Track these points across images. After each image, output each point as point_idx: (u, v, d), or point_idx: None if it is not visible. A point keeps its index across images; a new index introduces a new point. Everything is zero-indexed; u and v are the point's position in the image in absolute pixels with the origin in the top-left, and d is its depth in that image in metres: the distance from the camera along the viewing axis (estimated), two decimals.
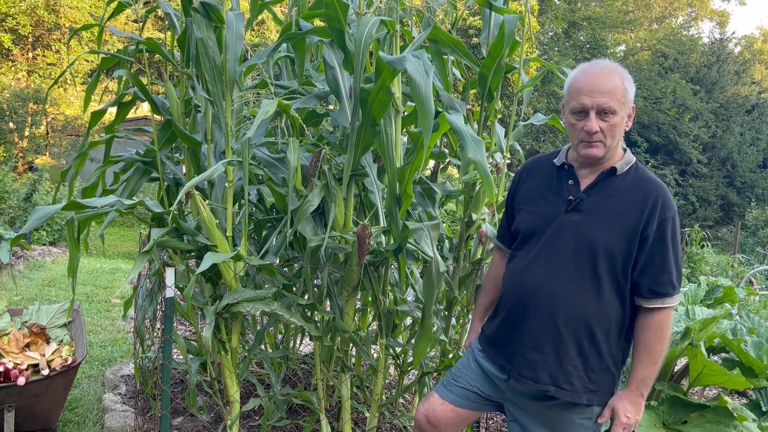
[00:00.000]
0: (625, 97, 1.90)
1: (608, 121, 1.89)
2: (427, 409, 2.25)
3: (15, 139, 16.57)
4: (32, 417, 2.82)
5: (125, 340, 4.98)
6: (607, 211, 1.93)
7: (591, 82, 1.89)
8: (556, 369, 1.96)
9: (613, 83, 1.88)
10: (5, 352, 2.96)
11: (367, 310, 3.48)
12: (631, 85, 1.93)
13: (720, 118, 25.92)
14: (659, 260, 1.89)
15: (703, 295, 4.31)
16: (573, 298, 1.93)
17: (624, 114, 1.92)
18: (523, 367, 2.01)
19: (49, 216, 2.42)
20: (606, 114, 1.88)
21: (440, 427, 2.23)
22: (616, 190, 1.95)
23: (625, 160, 1.98)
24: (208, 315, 2.58)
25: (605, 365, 1.97)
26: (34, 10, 17.10)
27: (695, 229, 11.57)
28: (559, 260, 1.96)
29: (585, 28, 25.80)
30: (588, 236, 1.93)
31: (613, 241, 1.90)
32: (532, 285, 2.00)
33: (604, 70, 1.90)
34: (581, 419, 1.99)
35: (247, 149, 2.34)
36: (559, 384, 1.96)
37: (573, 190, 2.00)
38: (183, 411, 3.54)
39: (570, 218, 1.97)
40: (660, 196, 1.91)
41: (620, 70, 1.91)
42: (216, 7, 2.56)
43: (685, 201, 24.22)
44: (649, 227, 1.88)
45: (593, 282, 1.92)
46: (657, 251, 1.89)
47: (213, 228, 2.58)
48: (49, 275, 7.43)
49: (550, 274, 1.97)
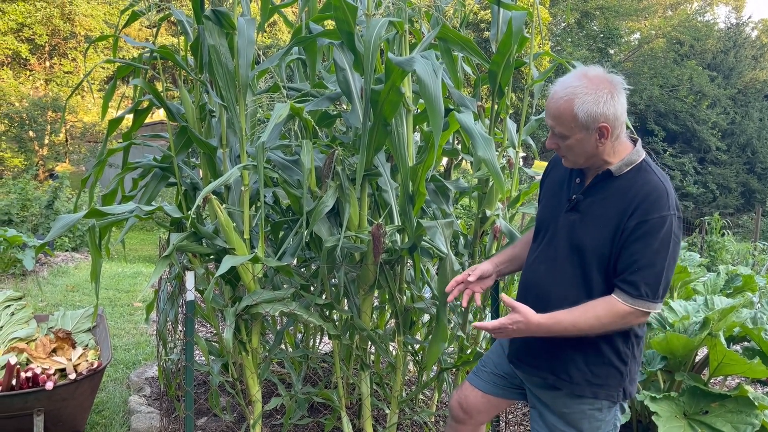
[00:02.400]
0: (576, 123, 1.84)
1: (562, 143, 1.92)
2: (460, 396, 2.35)
3: (35, 147, 16.85)
4: (60, 420, 2.89)
5: (148, 343, 5.07)
6: (599, 212, 1.93)
7: (548, 103, 1.91)
8: (552, 360, 2.00)
9: (559, 110, 1.86)
10: (33, 358, 3.04)
11: (385, 308, 3.51)
12: (595, 107, 1.82)
13: (738, 104, 25.56)
14: (628, 258, 1.85)
15: (723, 285, 4.28)
16: (565, 296, 1.96)
17: (581, 136, 1.87)
18: (522, 351, 2.10)
19: (71, 224, 2.48)
20: (557, 136, 1.92)
21: (472, 414, 2.31)
22: (612, 192, 1.93)
23: (626, 161, 1.93)
24: (229, 317, 2.63)
25: (607, 360, 1.97)
26: (49, 20, 17.36)
27: (715, 218, 11.45)
28: (555, 258, 2.01)
29: (598, 17, 25.59)
30: (579, 237, 1.95)
31: (598, 243, 1.90)
32: (531, 280, 2.08)
33: (557, 95, 1.87)
34: (591, 410, 2.01)
35: (261, 153, 2.38)
36: (557, 374, 2.00)
37: (576, 188, 2.02)
38: (206, 411, 3.60)
39: (569, 218, 2.00)
40: (649, 197, 1.85)
41: (579, 91, 1.83)
42: (227, 14, 2.60)
43: (705, 189, 23.94)
44: (627, 224, 1.85)
45: (584, 282, 1.94)
46: (627, 247, 1.85)
47: (230, 231, 2.62)
48: (72, 281, 7.56)
49: (547, 270, 2.03)
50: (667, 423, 2.87)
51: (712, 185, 24.07)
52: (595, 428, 2.03)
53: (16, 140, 16.77)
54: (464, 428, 2.35)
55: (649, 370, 3.22)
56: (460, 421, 2.34)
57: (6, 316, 3.36)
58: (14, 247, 7.53)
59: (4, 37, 16.99)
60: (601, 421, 2.02)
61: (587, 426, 2.02)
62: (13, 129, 16.75)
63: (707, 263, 9.85)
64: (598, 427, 2.03)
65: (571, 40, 25.12)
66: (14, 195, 10.31)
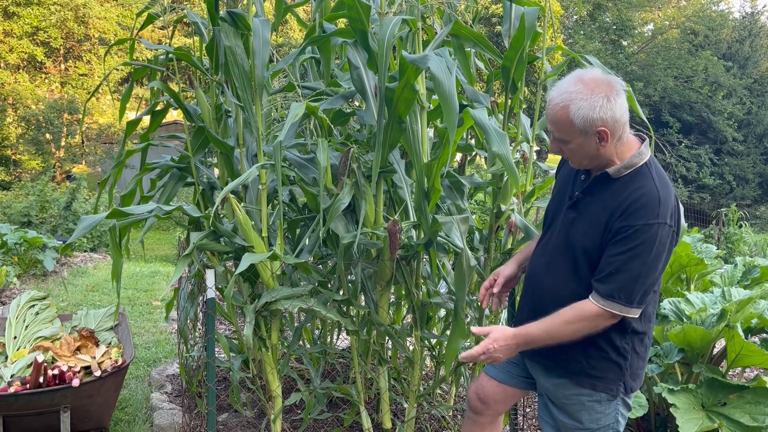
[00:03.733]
0: (573, 129, 1.84)
1: (564, 147, 1.94)
2: (477, 386, 2.39)
3: (52, 149, 17.06)
4: (86, 417, 2.95)
5: (168, 341, 5.14)
6: (593, 212, 1.95)
7: (546, 110, 1.93)
8: (553, 350, 2.01)
9: (556, 116, 1.87)
10: (58, 356, 3.10)
11: (401, 304, 3.54)
12: (591, 111, 1.81)
13: (755, 94, 25.22)
14: (606, 259, 1.87)
15: (740, 276, 4.26)
16: (561, 292, 1.99)
17: (581, 140, 1.86)
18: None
19: (95, 224, 2.54)
20: (558, 140, 1.94)
21: (490, 404, 2.35)
22: (605, 193, 1.94)
23: (626, 164, 1.91)
24: (248, 314, 2.67)
25: (605, 354, 1.98)
26: (64, 23, 17.51)
27: (732, 209, 11.34)
28: (553, 254, 2.05)
29: (610, 9, 25.36)
30: (572, 236, 1.98)
31: (588, 242, 1.93)
32: (533, 273, 2.15)
33: (553, 101, 1.88)
34: (590, 402, 2.03)
35: (279, 152, 2.41)
36: (554, 360, 2.05)
37: (580, 186, 2.04)
38: (227, 407, 3.65)
39: (568, 214, 2.03)
40: (637, 203, 1.84)
41: (575, 96, 1.82)
42: (242, 15, 2.63)
43: (722, 180, 23.67)
44: (611, 227, 1.86)
45: (577, 278, 1.96)
46: (608, 249, 1.87)
47: (249, 229, 2.66)
48: (92, 281, 7.66)
49: (546, 264, 2.07)
50: (686, 415, 2.88)
51: (729, 176, 23.79)
52: (594, 420, 2.05)
53: (33, 143, 17.00)
54: (482, 419, 2.38)
55: (666, 363, 3.22)
56: (479, 412, 2.37)
57: (31, 316, 3.43)
58: (35, 249, 7.65)
59: (19, 41, 17.17)
60: (601, 413, 2.04)
61: (586, 418, 2.05)
62: (30, 132, 16.97)
63: (724, 255, 9.77)
64: (598, 419, 2.04)
65: (584, 32, 24.94)
66: (33, 197, 10.47)
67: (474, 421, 2.40)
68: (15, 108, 17.46)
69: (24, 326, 3.36)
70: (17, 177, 16.63)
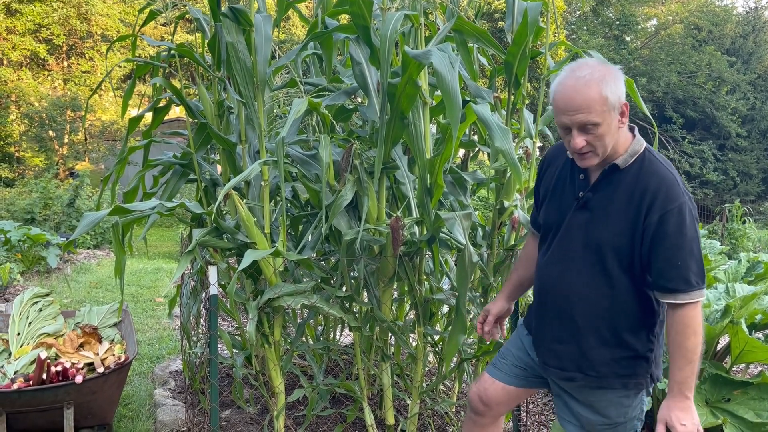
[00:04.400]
0: (607, 105, 1.81)
1: (593, 133, 1.84)
2: (479, 388, 2.33)
3: (55, 146, 17.08)
4: (90, 413, 2.95)
5: (171, 338, 5.15)
6: (610, 207, 1.92)
7: (567, 100, 1.83)
8: (580, 358, 2.00)
9: (589, 96, 1.80)
10: (62, 353, 3.11)
11: (404, 300, 3.53)
12: (615, 89, 1.82)
13: (758, 89, 25.15)
14: (663, 254, 1.84)
15: (744, 272, 4.25)
16: (587, 295, 1.96)
17: (611, 119, 1.84)
18: (548, 356, 2.08)
19: (97, 221, 2.54)
20: (588, 127, 1.83)
21: (492, 406, 2.31)
22: (619, 185, 1.92)
23: (630, 152, 1.92)
24: (251, 310, 2.67)
25: (634, 352, 1.97)
26: (66, 20, 17.52)
27: (736, 205, 11.32)
28: (570, 257, 1.99)
29: (614, 4, 25.27)
30: (594, 235, 1.94)
31: (616, 237, 1.90)
32: (548, 282, 2.07)
33: (579, 82, 1.81)
34: (618, 398, 2.02)
35: (281, 148, 2.41)
36: (585, 371, 2.00)
37: (582, 185, 2.00)
38: (230, 404, 3.66)
39: (579, 216, 1.98)
40: (661, 188, 1.85)
41: (597, 75, 1.81)
42: (244, 11, 2.63)
43: (725, 176, 23.62)
44: (648, 220, 1.84)
45: (604, 278, 1.93)
46: (659, 245, 1.83)
47: (251, 226, 2.66)
48: (95, 277, 7.68)
49: (563, 270, 2.01)
50: None
51: (733, 172, 23.74)
52: (622, 414, 2.04)
53: (36, 140, 17.03)
54: (484, 420, 2.35)
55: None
56: (480, 413, 2.34)
57: (34, 312, 3.43)
58: (38, 245, 7.67)
59: (22, 38, 17.18)
60: (628, 407, 2.03)
61: (614, 413, 2.03)
62: (33, 129, 17.00)
63: (728, 251, 9.76)
64: (626, 413, 2.04)
65: (587, 28, 24.85)
66: (36, 194, 10.49)
67: (474, 422, 2.37)
68: (18, 105, 17.48)
69: (27, 323, 3.37)
70: (20, 174, 16.68)
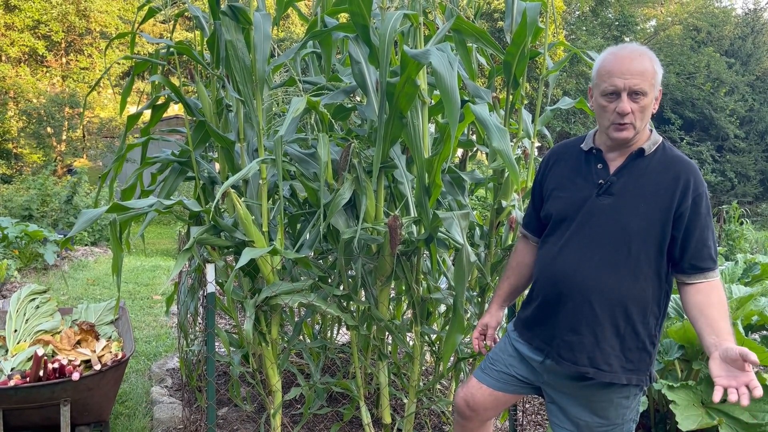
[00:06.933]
0: (655, 80, 1.92)
1: (639, 103, 1.91)
2: (466, 393, 2.31)
3: (53, 143, 17.05)
4: (86, 410, 2.95)
5: (168, 335, 5.15)
6: (637, 192, 1.95)
7: (622, 64, 1.91)
8: (594, 350, 1.98)
9: (644, 65, 1.90)
10: (58, 349, 3.10)
11: (402, 299, 3.54)
12: (660, 69, 1.95)
13: (757, 91, 25.21)
14: (698, 235, 1.93)
15: (741, 273, 4.26)
16: (607, 281, 1.95)
17: (653, 96, 1.94)
18: (562, 348, 2.03)
19: (95, 218, 2.54)
20: (637, 95, 1.90)
21: (479, 411, 2.29)
22: (645, 171, 1.97)
23: (652, 141, 2.01)
24: (248, 308, 2.67)
25: (642, 344, 1.98)
26: (65, 17, 17.50)
27: (733, 206, 11.34)
28: (591, 244, 1.98)
29: (613, 5, 25.29)
30: (621, 219, 1.95)
31: (645, 222, 1.92)
32: (565, 270, 2.02)
33: (634, 53, 1.92)
34: (619, 398, 2.02)
35: (280, 147, 2.41)
36: (597, 365, 1.98)
37: (602, 173, 2.01)
38: (227, 402, 3.66)
39: (601, 202, 1.98)
40: (691, 174, 1.94)
41: (649, 53, 1.94)
42: (244, 9, 2.63)
43: (723, 177, 23.67)
44: (683, 204, 1.91)
45: (628, 263, 1.94)
46: (695, 226, 1.92)
47: (249, 224, 2.66)
48: (92, 274, 7.67)
49: (582, 258, 1.99)
50: (685, 411, 2.88)
51: (731, 173, 23.80)
52: (620, 415, 2.04)
53: (34, 136, 16.99)
54: (471, 424, 2.33)
55: (666, 360, 3.22)
56: (467, 418, 2.32)
57: (31, 309, 3.43)
58: (35, 242, 7.66)
59: (20, 34, 17.15)
60: (627, 408, 2.04)
61: (613, 413, 2.04)
62: (32, 125, 16.96)
63: (725, 252, 9.77)
64: (624, 414, 2.04)
65: (586, 28, 24.87)
66: (34, 191, 10.48)
67: (462, 426, 2.36)
68: (16, 101, 17.44)
69: (24, 320, 3.36)
70: (18, 171, 16.64)
